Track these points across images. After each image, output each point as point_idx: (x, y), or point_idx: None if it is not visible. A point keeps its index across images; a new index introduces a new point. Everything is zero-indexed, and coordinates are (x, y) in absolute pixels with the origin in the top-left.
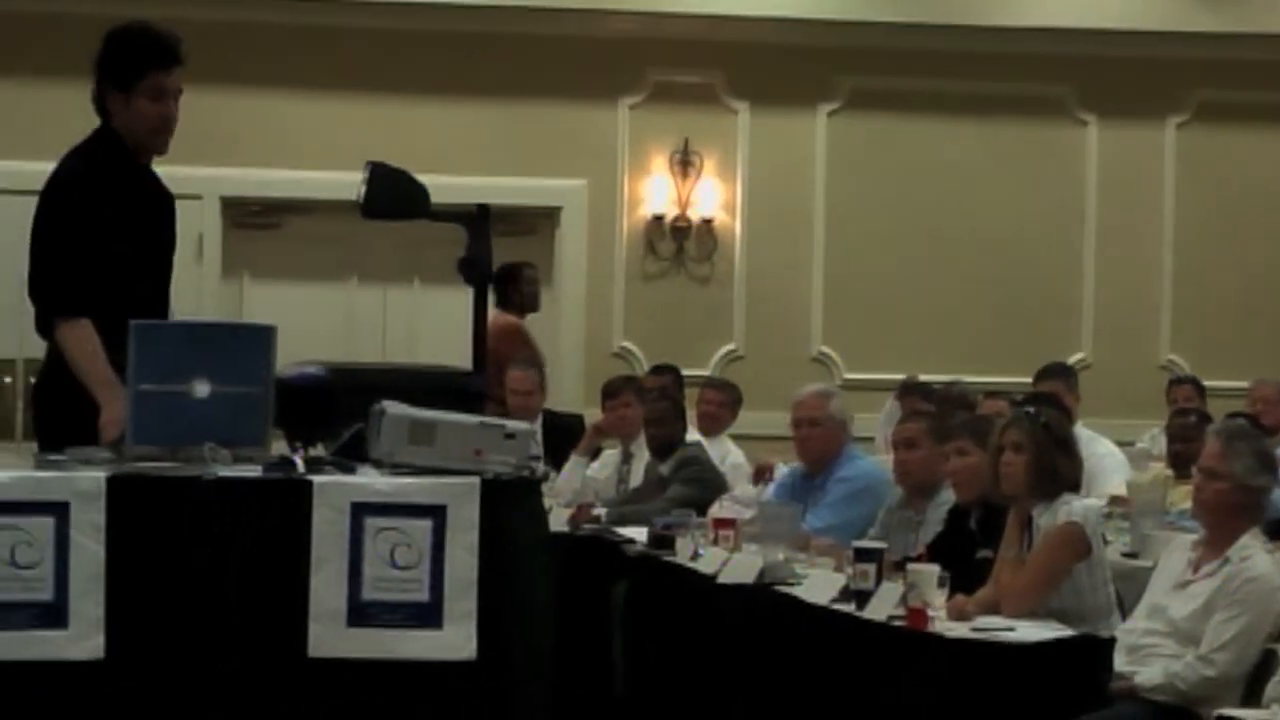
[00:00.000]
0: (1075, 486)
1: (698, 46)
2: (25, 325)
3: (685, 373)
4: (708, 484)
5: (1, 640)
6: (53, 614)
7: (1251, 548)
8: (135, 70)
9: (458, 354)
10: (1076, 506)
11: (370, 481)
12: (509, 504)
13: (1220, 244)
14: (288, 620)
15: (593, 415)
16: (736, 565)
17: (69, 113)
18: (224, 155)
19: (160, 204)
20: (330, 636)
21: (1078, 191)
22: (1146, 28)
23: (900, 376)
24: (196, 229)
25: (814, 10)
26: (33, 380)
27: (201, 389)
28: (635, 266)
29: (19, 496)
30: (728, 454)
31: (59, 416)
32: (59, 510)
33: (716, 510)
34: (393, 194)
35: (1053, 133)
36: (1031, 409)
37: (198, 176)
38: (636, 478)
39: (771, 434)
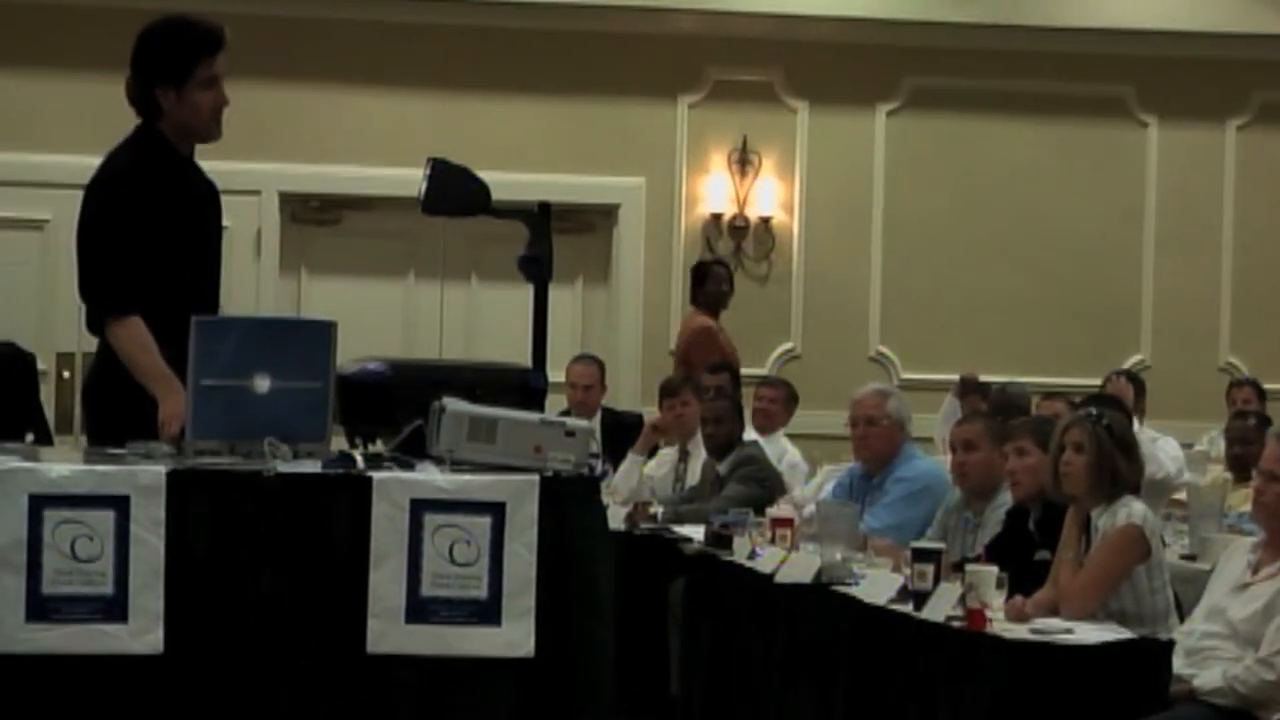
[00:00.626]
0: (1135, 489)
1: (757, 45)
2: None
3: (743, 371)
4: (765, 483)
5: (63, 634)
6: (113, 608)
7: None
8: (186, 63)
9: (516, 351)
10: (1137, 508)
11: (430, 478)
12: (569, 502)
13: None
14: (347, 616)
15: (650, 413)
16: (794, 564)
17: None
18: (283, 150)
19: (206, 197)
20: (389, 632)
21: (1138, 192)
22: (1207, 29)
23: (946, 377)
24: (254, 224)
25: (874, 10)
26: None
27: (263, 384)
28: (692, 263)
29: (80, 490)
30: (784, 453)
31: (112, 412)
32: (120, 504)
33: (774, 510)
34: (453, 191)
35: (1113, 133)
36: (1094, 409)
37: (256, 171)
38: (693, 476)
39: (828, 433)
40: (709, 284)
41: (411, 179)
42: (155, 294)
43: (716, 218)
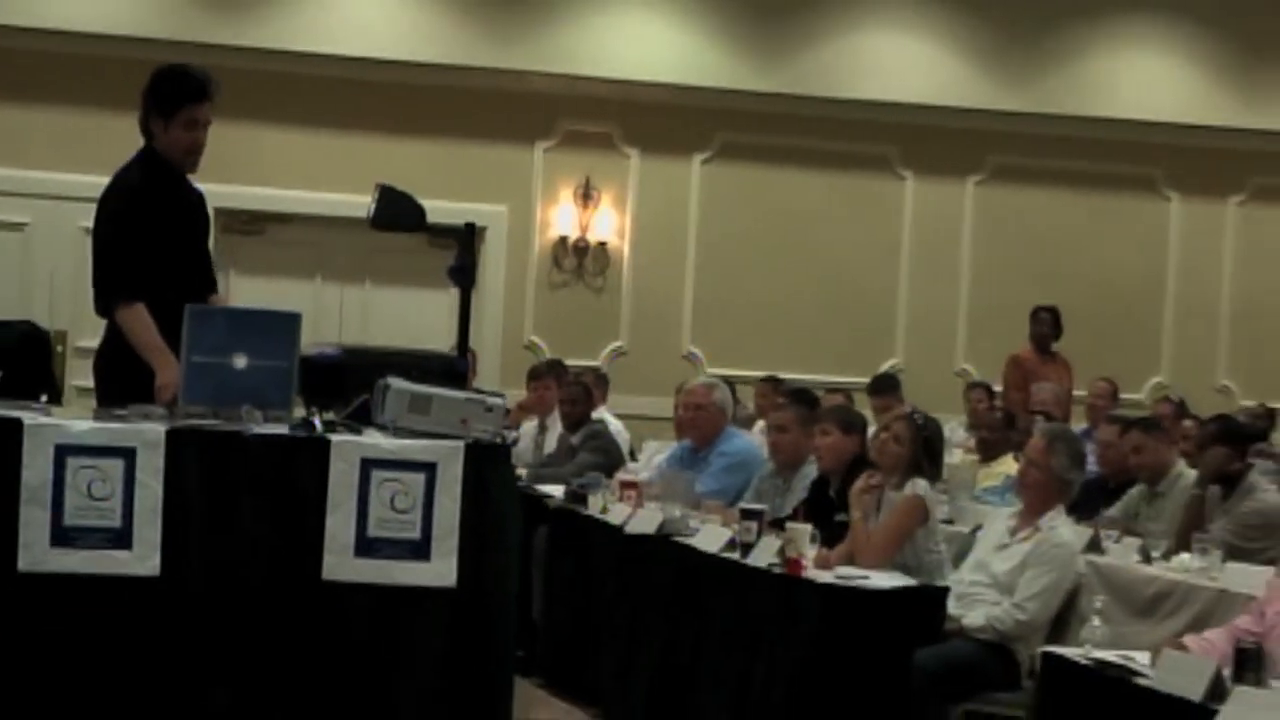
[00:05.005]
0: (933, 479)
1: (599, 103)
2: (76, 304)
3: (578, 363)
4: (610, 453)
5: (80, 557)
6: (120, 538)
7: (1058, 520)
8: (174, 103)
9: (401, 339)
10: (920, 484)
11: (377, 441)
12: (487, 463)
13: (1006, 276)
14: (307, 550)
15: (512, 395)
16: (640, 518)
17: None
18: (220, 174)
19: (196, 205)
20: (341, 564)
21: (897, 231)
22: (954, 104)
23: (753, 373)
24: None
25: (693, 78)
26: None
27: (241, 362)
28: (544, 277)
29: (97, 442)
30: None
31: (117, 381)
32: (128, 454)
33: (622, 474)
34: (397, 211)
35: (878, 185)
36: (919, 416)
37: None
38: (550, 446)
39: (649, 415)
40: None
41: (321, 200)
42: (155, 284)
43: (563, 240)
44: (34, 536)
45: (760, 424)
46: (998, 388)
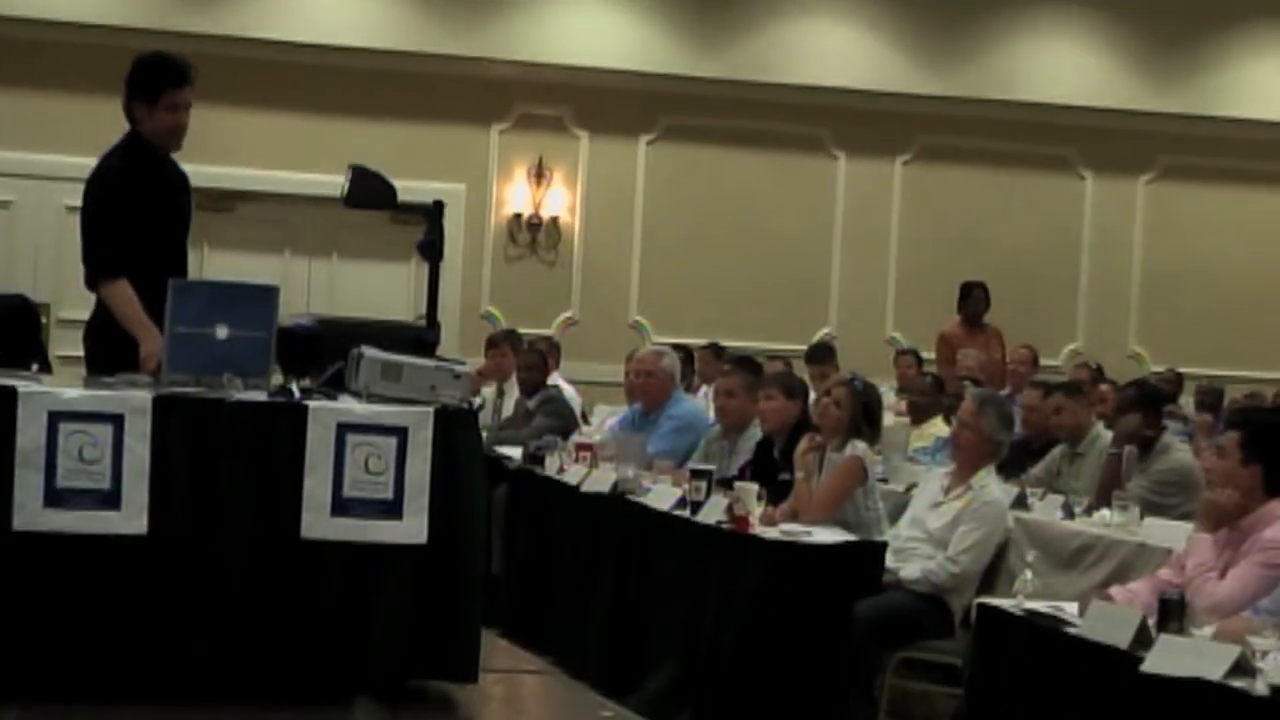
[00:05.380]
0: (872, 440)
1: (552, 88)
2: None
3: (534, 332)
4: (564, 417)
5: (71, 517)
6: (109, 499)
7: (989, 480)
8: (156, 88)
9: (367, 310)
10: (859, 445)
11: (351, 407)
12: (455, 428)
13: (931, 250)
14: (286, 509)
15: (471, 363)
16: (596, 478)
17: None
18: (193, 155)
19: (179, 186)
20: (318, 523)
21: (830, 207)
22: (883, 89)
23: (696, 340)
24: None
25: (638, 64)
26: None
27: (222, 332)
28: (500, 251)
29: (87, 408)
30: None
31: (105, 351)
32: (116, 420)
33: (577, 437)
34: (370, 190)
35: (812, 164)
36: (859, 382)
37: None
38: (507, 410)
39: (599, 380)
40: None
41: (288, 179)
42: (139, 261)
43: (518, 216)
44: (28, 497)
45: (704, 388)
46: (926, 354)
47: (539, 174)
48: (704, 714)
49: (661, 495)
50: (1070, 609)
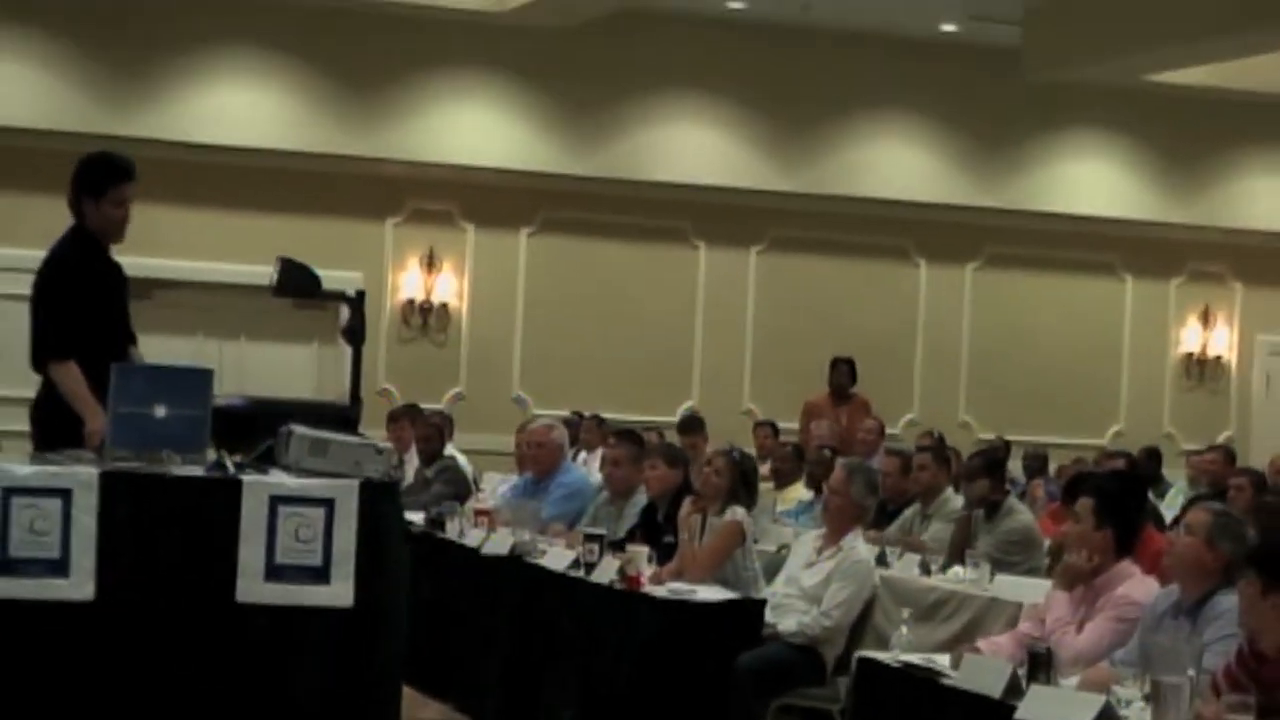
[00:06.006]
0: (749, 506)
1: (441, 185)
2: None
3: (427, 406)
4: (460, 485)
5: (23, 584)
6: (59, 567)
7: (857, 541)
8: (103, 184)
9: (273, 389)
10: (739, 510)
11: (283, 480)
12: (379, 499)
13: (784, 330)
14: (222, 575)
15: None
16: (495, 541)
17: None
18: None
19: (119, 278)
20: (252, 587)
21: (692, 292)
22: (739, 185)
23: (567, 413)
24: None
25: (520, 163)
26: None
27: (160, 411)
28: (394, 333)
29: (38, 484)
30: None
31: (51, 428)
32: (65, 495)
33: (475, 503)
34: (296, 280)
35: (675, 253)
36: (736, 452)
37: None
38: (408, 479)
39: (485, 450)
40: None
41: (200, 268)
42: (84, 344)
43: (411, 301)
44: None
45: (584, 454)
46: (782, 424)
47: (430, 263)
48: None
49: (557, 557)
50: (941, 660)
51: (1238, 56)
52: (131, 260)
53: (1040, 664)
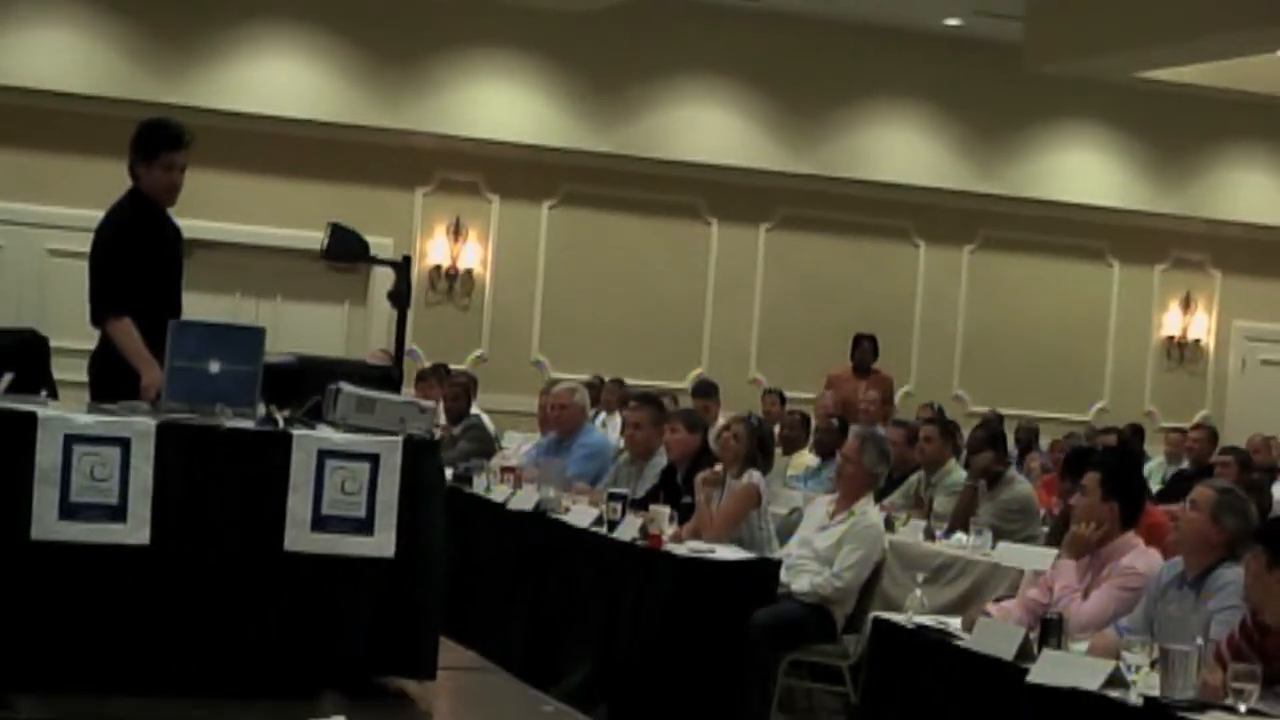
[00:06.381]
0: (766, 470)
1: (468, 158)
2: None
3: (453, 367)
4: (485, 442)
5: (82, 529)
6: (117, 513)
7: (868, 506)
8: (155, 149)
9: (308, 346)
10: (755, 474)
11: (330, 435)
12: (420, 455)
13: (789, 304)
14: (272, 525)
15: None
16: (520, 497)
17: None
18: None
19: (175, 237)
20: (300, 537)
21: (704, 265)
22: (749, 165)
23: (586, 376)
24: None
25: (543, 139)
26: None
27: (214, 367)
28: (421, 297)
29: (98, 433)
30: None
31: (108, 381)
32: (124, 443)
33: (500, 460)
34: (346, 245)
35: (689, 228)
36: (755, 419)
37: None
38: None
39: (506, 410)
40: None
41: (239, 230)
42: (140, 302)
43: (438, 268)
44: (45, 510)
45: (603, 415)
46: (789, 394)
47: (456, 231)
48: (619, 708)
49: (580, 514)
50: (954, 623)
51: (1224, 57)
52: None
53: (1051, 629)
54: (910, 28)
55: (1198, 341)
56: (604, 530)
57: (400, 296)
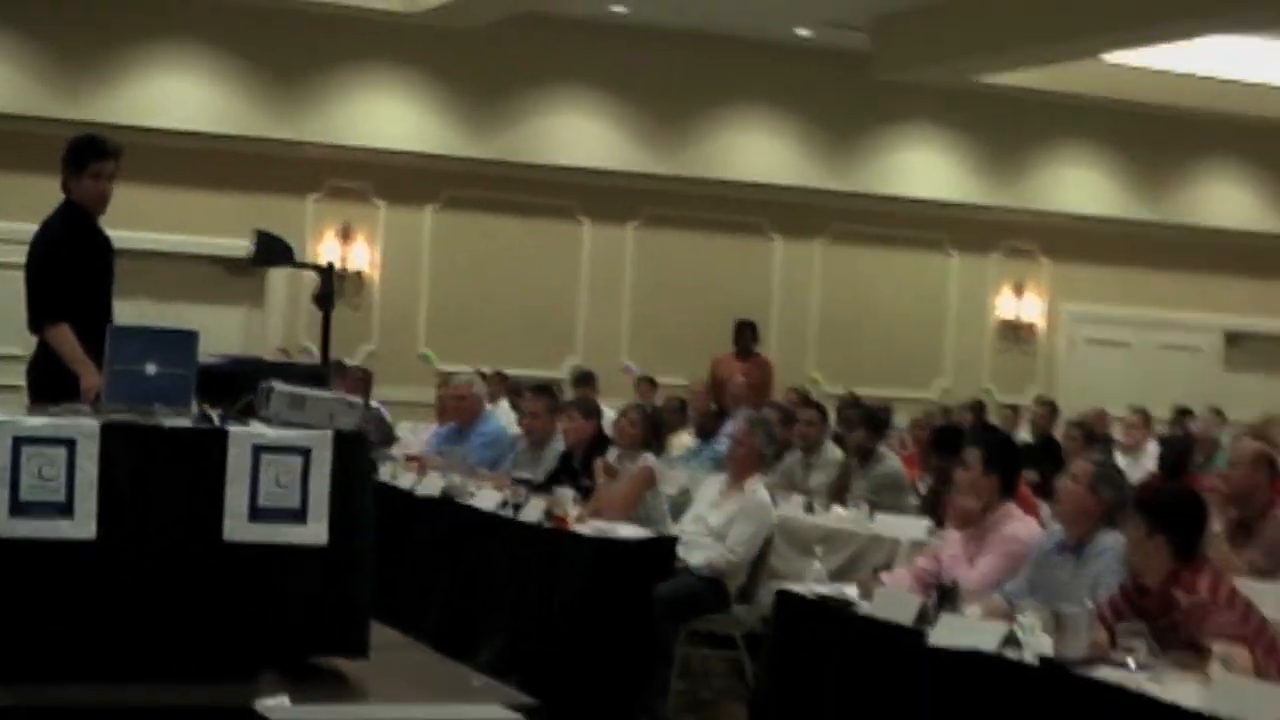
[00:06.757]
0: (659, 452)
1: (355, 166)
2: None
3: (345, 361)
4: (385, 432)
5: (32, 525)
6: (64, 509)
7: (758, 485)
8: (84, 160)
9: (213, 349)
10: (649, 457)
11: (264, 431)
12: (349, 449)
13: (658, 297)
14: (211, 517)
15: None
16: (427, 484)
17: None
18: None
19: (106, 246)
20: (238, 527)
21: (576, 262)
22: (617, 168)
23: (466, 368)
24: None
25: (426, 147)
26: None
27: (151, 369)
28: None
29: (46, 434)
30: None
31: (46, 385)
32: (70, 444)
33: (403, 448)
34: (272, 251)
35: (563, 227)
36: (648, 406)
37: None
38: None
39: (397, 401)
40: None
41: (145, 238)
42: (76, 309)
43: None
44: None
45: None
46: (662, 380)
47: (346, 235)
48: (532, 678)
49: (486, 498)
50: (851, 591)
51: (1050, 63)
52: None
53: (948, 595)
54: (764, 39)
55: (1030, 324)
56: (510, 513)
57: (326, 298)
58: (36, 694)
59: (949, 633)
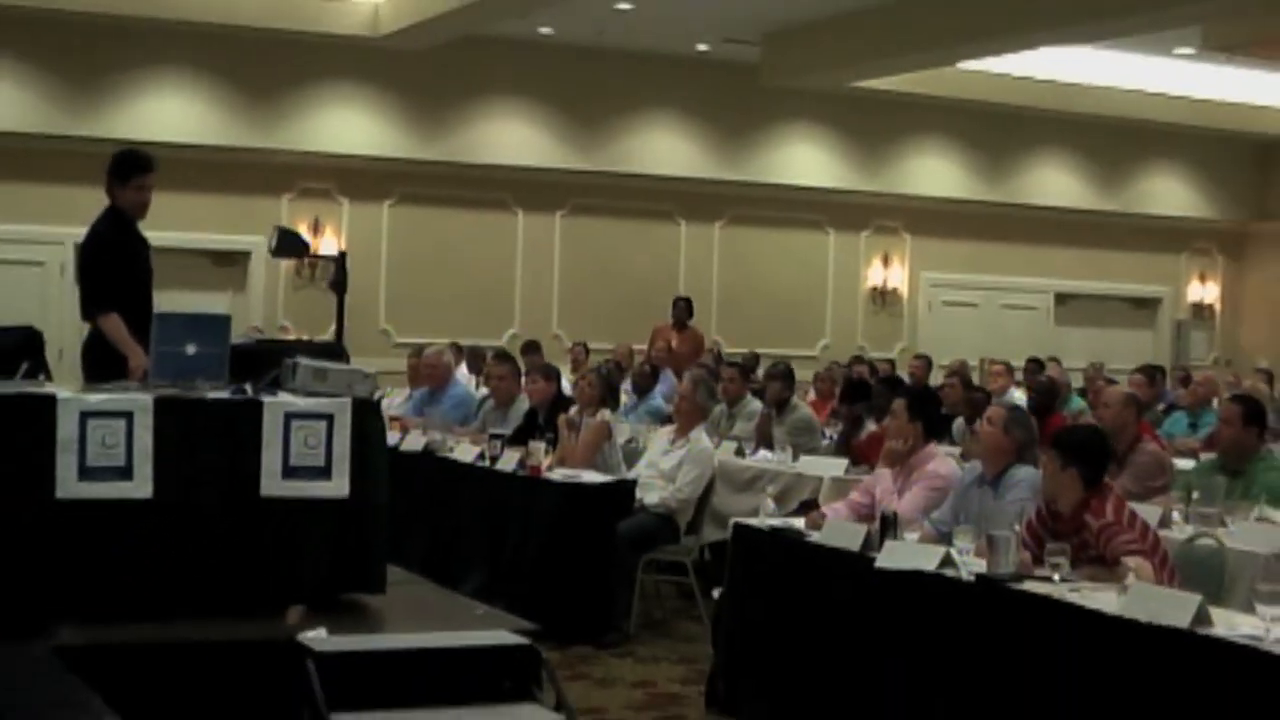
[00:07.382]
0: (614, 407)
1: (323, 169)
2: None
3: (306, 336)
4: None
5: (97, 487)
6: (124, 472)
7: (701, 434)
8: (127, 173)
9: None
10: (605, 412)
11: (294, 400)
12: (365, 413)
13: (583, 276)
14: (250, 474)
15: None
16: (410, 440)
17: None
18: (72, 219)
19: (145, 246)
20: (273, 484)
21: (513, 246)
22: (547, 165)
23: (424, 341)
24: (62, 261)
25: (381, 151)
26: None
27: (191, 349)
28: (289, 282)
29: (107, 409)
30: None
31: (97, 365)
32: (128, 416)
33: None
34: (291, 244)
35: (500, 217)
36: (604, 368)
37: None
38: None
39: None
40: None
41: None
42: (123, 300)
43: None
44: (66, 474)
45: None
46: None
47: (316, 228)
48: (511, 606)
49: (465, 451)
50: (798, 524)
51: (916, 69)
52: (82, 230)
53: (889, 524)
54: (669, 53)
55: (896, 290)
56: (487, 464)
57: (339, 284)
58: (104, 634)
59: (893, 556)
